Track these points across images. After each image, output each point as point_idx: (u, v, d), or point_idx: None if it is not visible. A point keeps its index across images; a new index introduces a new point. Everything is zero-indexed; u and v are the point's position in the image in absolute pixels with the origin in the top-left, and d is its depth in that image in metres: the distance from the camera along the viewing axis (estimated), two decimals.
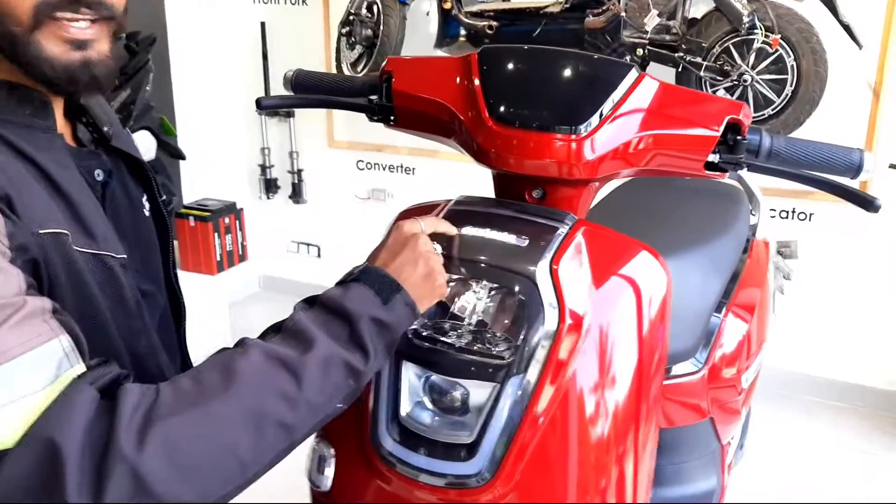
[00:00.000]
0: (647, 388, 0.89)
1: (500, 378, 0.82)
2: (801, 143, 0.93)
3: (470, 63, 0.94)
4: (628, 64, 0.92)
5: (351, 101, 1.05)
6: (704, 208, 1.55)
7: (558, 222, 0.89)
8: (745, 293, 1.47)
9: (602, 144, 0.88)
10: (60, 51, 0.81)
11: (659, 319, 0.90)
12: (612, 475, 0.87)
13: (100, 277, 0.86)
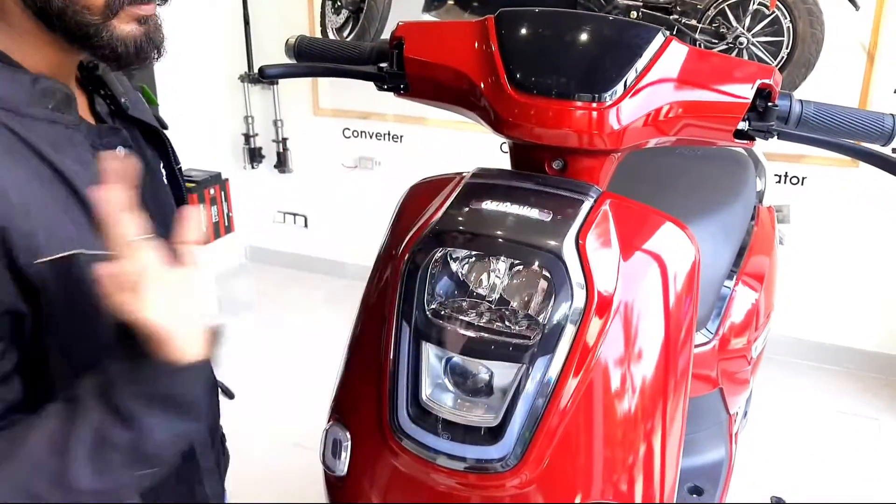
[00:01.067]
0: (674, 362, 0.86)
1: (526, 359, 0.79)
2: (831, 108, 0.90)
3: (487, 27, 0.89)
4: (655, 27, 0.88)
5: (359, 69, 1.00)
6: (712, 174, 1.51)
7: (583, 195, 0.85)
8: (754, 261, 1.45)
9: (627, 113, 0.84)
10: (130, 29, 0.83)
11: (686, 292, 0.87)
12: (639, 451, 0.84)
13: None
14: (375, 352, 0.88)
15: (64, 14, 0.79)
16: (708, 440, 1.41)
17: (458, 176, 0.92)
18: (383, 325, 0.87)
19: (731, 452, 1.46)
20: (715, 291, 1.32)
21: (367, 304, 0.94)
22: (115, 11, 0.80)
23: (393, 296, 0.85)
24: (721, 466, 1.41)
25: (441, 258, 0.84)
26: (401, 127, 3.41)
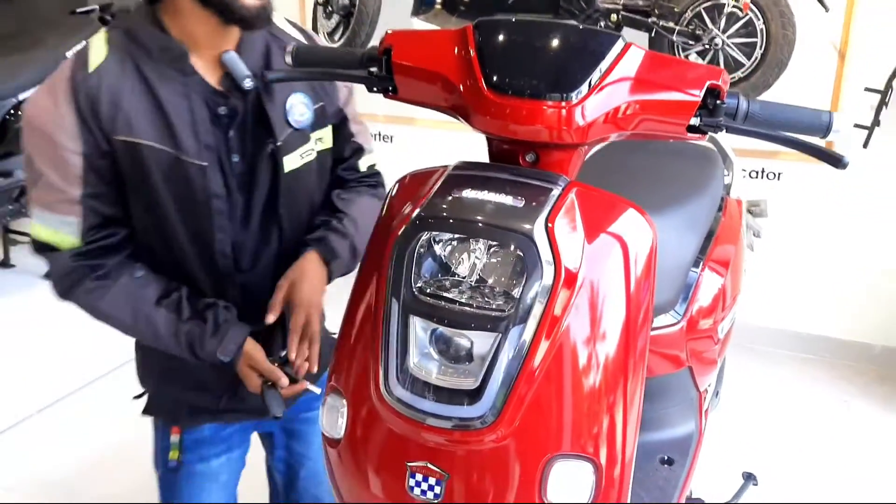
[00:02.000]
0: (634, 342, 0.97)
1: (502, 329, 0.89)
2: (775, 105, 1.00)
3: (466, 35, 1.00)
4: (616, 34, 0.98)
5: (351, 73, 1.10)
6: (681, 168, 1.62)
7: (552, 183, 0.95)
8: (720, 249, 1.56)
9: (591, 110, 0.95)
10: (252, 3, 1.20)
11: (645, 276, 0.98)
12: (603, 424, 0.94)
13: (171, 175, 1.25)
14: (368, 326, 0.98)
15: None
16: (679, 415, 1.52)
17: (442, 168, 1.02)
18: (375, 302, 0.97)
19: (701, 427, 1.57)
20: (682, 276, 1.43)
21: (360, 284, 1.04)
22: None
23: (383, 276, 0.95)
24: (691, 439, 1.51)
25: (426, 241, 0.95)
26: (391, 127, 3.51)
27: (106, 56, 1.24)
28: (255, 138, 1.31)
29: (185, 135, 1.24)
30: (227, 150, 1.29)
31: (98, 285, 1.29)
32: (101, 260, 1.30)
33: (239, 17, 1.21)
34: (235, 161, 1.31)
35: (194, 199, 1.28)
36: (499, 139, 1.03)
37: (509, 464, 0.91)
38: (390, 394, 0.93)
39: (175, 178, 1.26)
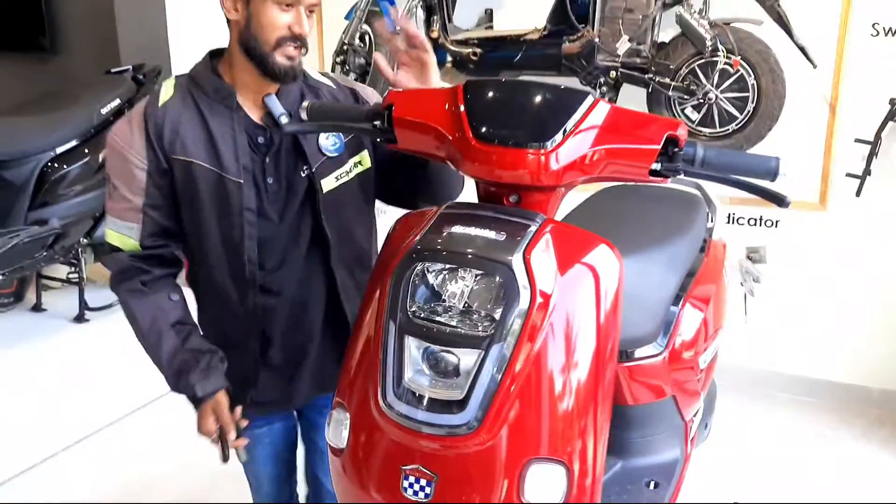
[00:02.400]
0: (603, 367, 1.09)
1: (484, 346, 1.02)
2: (728, 153, 1.13)
3: (456, 93, 1.15)
4: (586, 91, 1.13)
5: (358, 126, 1.26)
6: (666, 213, 1.75)
7: (530, 221, 1.09)
8: (701, 286, 1.68)
9: (564, 157, 1.09)
10: (283, 61, 1.46)
11: (613, 309, 1.11)
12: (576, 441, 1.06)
13: (214, 189, 1.50)
14: (369, 347, 1.12)
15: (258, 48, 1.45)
16: (664, 442, 1.62)
17: (436, 208, 1.16)
18: (375, 326, 1.11)
19: (687, 453, 1.67)
20: (663, 310, 1.55)
21: (363, 311, 1.18)
22: (279, 46, 1.44)
23: (383, 302, 1.09)
24: (676, 465, 1.61)
25: (420, 271, 1.09)
26: None
27: (172, 95, 1.54)
28: (289, 165, 1.55)
29: (227, 157, 1.50)
30: (263, 173, 1.54)
31: (139, 289, 1.55)
32: (151, 268, 1.56)
33: (272, 72, 1.46)
34: (270, 182, 1.54)
35: (230, 210, 1.51)
36: (485, 182, 1.17)
37: (491, 466, 1.03)
38: (388, 405, 1.06)
39: (216, 192, 1.50)
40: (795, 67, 2.82)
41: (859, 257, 3.04)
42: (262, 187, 1.53)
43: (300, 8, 1.44)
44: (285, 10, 1.43)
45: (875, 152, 2.87)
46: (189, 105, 1.52)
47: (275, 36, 1.43)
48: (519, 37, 3.10)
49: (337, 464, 1.15)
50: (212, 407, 1.53)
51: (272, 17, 1.42)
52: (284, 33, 1.43)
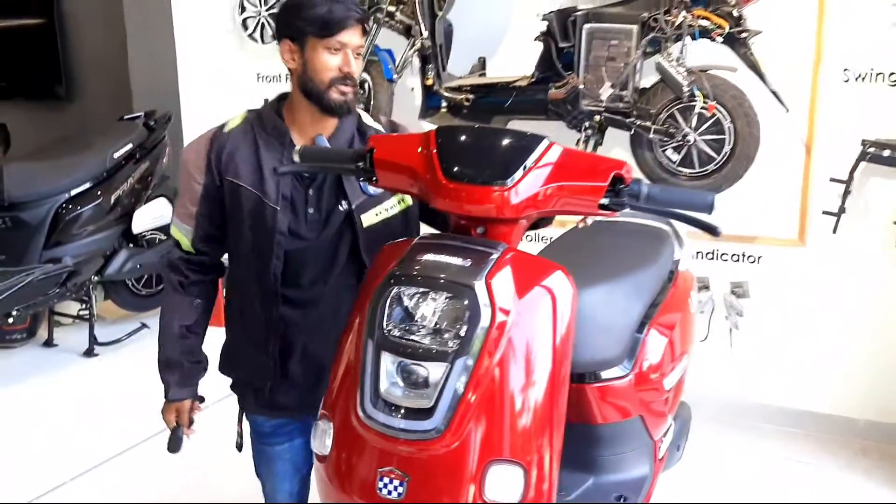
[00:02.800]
0: (558, 379, 1.23)
1: (450, 360, 1.15)
2: (670, 189, 1.28)
3: (429, 137, 1.30)
4: (541, 136, 1.28)
5: (343, 166, 1.42)
6: (634, 246, 1.89)
7: (493, 249, 1.23)
8: (666, 313, 1.81)
9: (524, 192, 1.24)
10: (337, 97, 1.67)
11: (567, 335, 1.24)
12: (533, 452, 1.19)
13: (254, 210, 1.72)
14: (350, 363, 1.26)
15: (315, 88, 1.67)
16: (634, 459, 1.73)
17: (412, 238, 1.31)
18: (355, 345, 1.24)
19: (656, 471, 1.78)
20: (629, 334, 1.68)
21: (345, 333, 1.32)
22: (331, 86, 1.66)
23: (362, 323, 1.23)
24: (644, 481, 1.72)
25: (396, 294, 1.23)
26: None
27: (238, 125, 1.79)
28: (329, 199, 1.74)
29: (270, 185, 1.71)
30: (305, 203, 1.74)
31: (177, 284, 1.84)
32: (191, 272, 1.84)
33: (328, 107, 1.68)
34: (310, 212, 1.74)
35: (265, 230, 1.72)
36: (456, 215, 1.32)
37: (456, 467, 1.16)
38: (366, 414, 1.20)
39: (256, 213, 1.72)
40: (771, 111, 2.97)
41: (838, 291, 3.15)
42: (302, 215, 1.73)
43: (347, 51, 1.66)
44: (334, 54, 1.65)
45: (849, 191, 3.01)
46: (248, 136, 1.76)
47: (328, 77, 1.66)
48: (509, 84, 3.27)
49: (321, 470, 1.28)
50: (176, 407, 1.86)
51: (323, 61, 1.65)
52: (335, 74, 1.66)
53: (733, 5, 2.87)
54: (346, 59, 1.67)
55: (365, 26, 1.71)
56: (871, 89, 2.94)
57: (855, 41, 2.92)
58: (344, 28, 1.64)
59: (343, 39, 1.65)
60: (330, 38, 1.64)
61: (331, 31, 1.64)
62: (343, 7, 1.65)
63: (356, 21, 1.67)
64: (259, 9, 3.80)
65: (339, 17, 1.64)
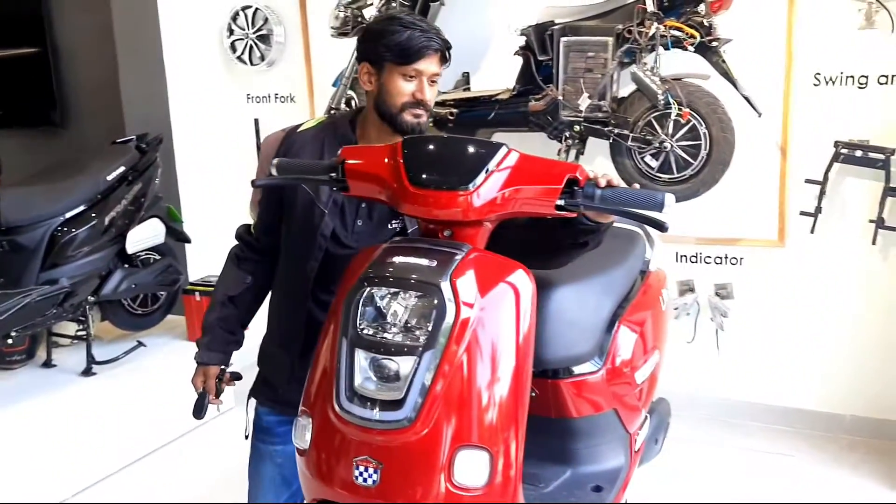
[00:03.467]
0: (522, 371, 1.30)
1: (419, 354, 1.23)
2: (622, 190, 1.36)
3: (396, 148, 1.38)
4: (500, 144, 1.36)
5: (317, 178, 1.50)
6: (605, 246, 1.96)
7: (457, 250, 1.31)
8: (637, 310, 1.89)
9: (485, 196, 1.32)
10: (410, 119, 1.72)
11: (529, 318, 1.32)
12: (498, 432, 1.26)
13: (305, 210, 1.77)
14: (326, 361, 1.33)
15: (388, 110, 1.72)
16: (609, 451, 1.80)
17: (384, 243, 1.39)
18: (332, 343, 1.32)
19: (632, 462, 1.85)
20: (599, 330, 1.75)
21: (323, 334, 1.39)
22: (404, 109, 1.71)
23: (338, 323, 1.31)
24: (620, 472, 1.79)
25: (369, 295, 1.30)
26: None
27: (312, 126, 1.87)
28: (381, 214, 1.79)
29: (324, 190, 1.77)
30: (356, 213, 1.79)
31: (233, 257, 1.96)
32: (249, 250, 1.95)
33: (401, 129, 1.72)
34: (359, 224, 1.80)
35: (310, 229, 1.79)
36: (424, 220, 1.40)
37: (426, 453, 1.23)
38: (342, 408, 1.27)
39: (305, 211, 1.79)
40: (745, 116, 3.06)
41: (819, 289, 3.23)
42: (350, 224, 1.79)
43: (423, 78, 1.71)
44: (409, 80, 1.70)
45: (824, 191, 3.09)
46: (318, 139, 1.83)
47: (400, 101, 1.71)
48: (491, 97, 3.36)
49: (302, 463, 1.35)
50: (203, 371, 1.91)
51: (399, 86, 1.70)
52: (408, 99, 1.71)
53: (704, 15, 2.97)
54: (421, 85, 1.71)
55: (446, 54, 1.75)
56: (842, 92, 3.03)
57: (824, 46, 3.02)
58: (422, 57, 1.69)
59: (420, 67, 1.69)
60: (407, 65, 1.69)
61: (408, 59, 1.68)
62: (423, 36, 1.69)
63: (434, 51, 1.70)
64: (247, 31, 3.90)
65: (417, 46, 1.68)
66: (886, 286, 3.11)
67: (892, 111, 2.95)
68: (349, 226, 1.79)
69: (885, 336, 3.15)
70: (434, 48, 1.70)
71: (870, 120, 2.99)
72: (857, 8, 2.93)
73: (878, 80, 2.96)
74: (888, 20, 2.88)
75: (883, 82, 2.96)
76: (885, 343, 3.15)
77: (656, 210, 1.34)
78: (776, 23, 3.06)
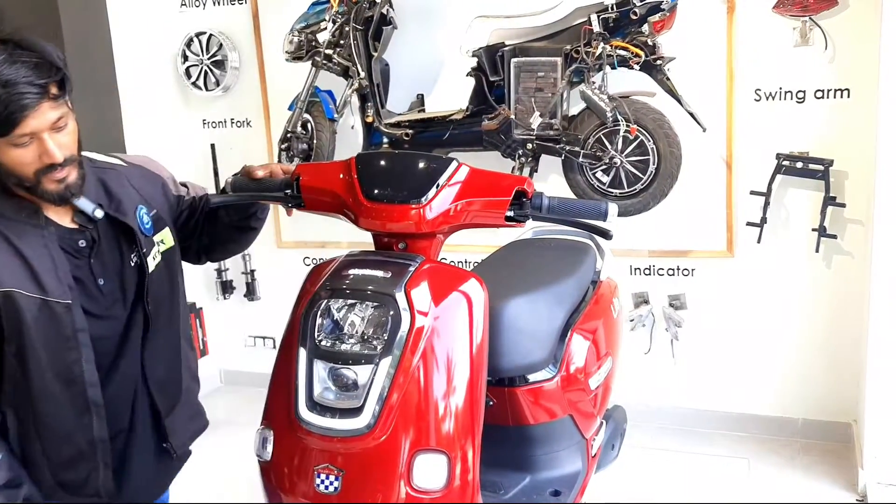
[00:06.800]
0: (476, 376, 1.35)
1: (376, 362, 1.27)
2: (569, 201, 1.42)
3: (350, 164, 1.43)
4: (452, 159, 1.41)
5: (272, 195, 1.54)
6: (556, 258, 2.03)
7: (411, 262, 1.36)
8: (589, 318, 1.95)
9: (437, 208, 1.37)
10: (54, 187, 1.41)
11: (482, 325, 1.37)
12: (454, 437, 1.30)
13: (42, 315, 1.41)
14: (285, 373, 1.36)
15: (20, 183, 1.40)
16: (566, 457, 1.85)
17: (340, 256, 1.43)
18: (290, 355, 1.35)
19: (589, 467, 1.90)
20: (552, 339, 1.80)
21: (282, 347, 1.43)
22: (39, 180, 1.39)
23: (296, 334, 1.34)
24: (577, 476, 1.84)
25: (325, 307, 1.34)
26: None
27: None
28: (114, 257, 1.53)
29: (49, 279, 1.42)
30: (93, 276, 1.51)
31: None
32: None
33: (48, 199, 1.43)
34: (102, 284, 1.51)
35: (62, 334, 1.43)
36: (378, 234, 1.44)
37: (386, 458, 1.27)
38: (301, 418, 1.30)
39: (43, 318, 1.41)
40: (690, 131, 3.16)
41: (767, 297, 3.33)
42: (97, 293, 1.50)
43: (41, 136, 1.36)
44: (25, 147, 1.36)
45: (769, 202, 3.20)
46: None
47: (28, 172, 1.38)
48: (445, 118, 3.43)
49: (263, 475, 1.38)
50: None
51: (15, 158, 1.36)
52: (38, 166, 1.38)
53: (648, 35, 3.07)
54: (44, 145, 1.35)
55: (54, 89, 1.35)
56: (781, 107, 3.16)
57: (763, 63, 3.14)
58: (25, 118, 1.31)
59: (29, 128, 1.33)
60: (10, 135, 1.33)
61: (9, 127, 1.32)
62: (13, 92, 1.29)
63: (39, 99, 1.32)
64: (201, 57, 3.93)
65: (13, 110, 1.30)
66: (830, 291, 3.22)
67: (829, 124, 3.08)
68: (96, 294, 1.51)
69: (830, 340, 3.26)
70: (36, 99, 1.32)
71: (809, 133, 3.11)
72: (792, 26, 3.06)
73: (814, 95, 3.09)
74: (822, 38, 3.02)
75: (819, 97, 3.09)
76: (831, 347, 3.26)
77: (601, 219, 1.40)
78: (717, 41, 3.18)
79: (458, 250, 3.44)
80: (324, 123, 3.58)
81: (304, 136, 3.61)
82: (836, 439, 3.30)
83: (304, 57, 3.56)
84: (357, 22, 3.41)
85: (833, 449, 3.26)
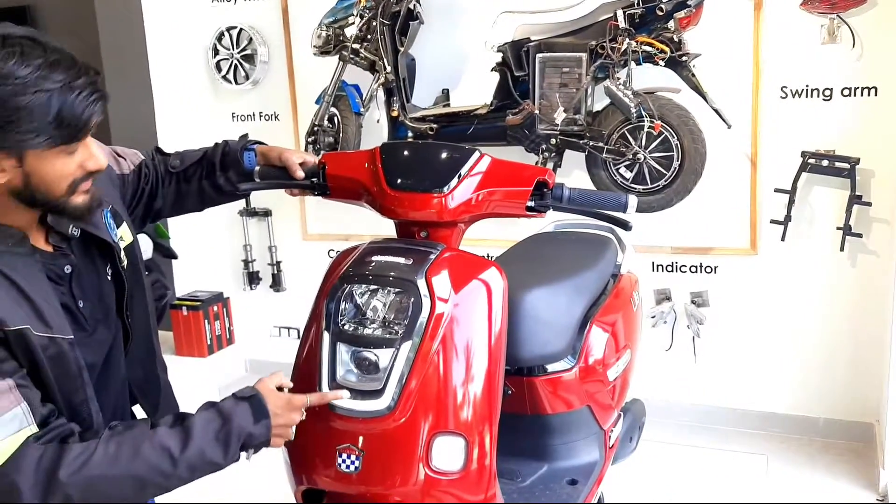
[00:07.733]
0: (495, 361, 1.38)
1: (396, 346, 1.31)
2: (589, 192, 1.45)
3: (375, 153, 1.47)
4: (473, 149, 1.45)
5: (299, 183, 1.58)
6: (577, 251, 2.06)
7: (432, 249, 1.40)
8: (608, 311, 1.97)
9: (459, 198, 1.40)
10: (82, 199, 1.28)
11: (500, 311, 1.40)
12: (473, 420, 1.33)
13: (51, 353, 1.24)
14: (310, 356, 1.40)
15: (47, 201, 1.25)
16: (584, 447, 1.88)
17: (363, 244, 1.47)
18: (314, 339, 1.39)
19: (606, 457, 1.92)
20: (571, 330, 1.83)
21: (306, 331, 1.47)
22: (73, 191, 1.26)
23: (320, 318, 1.38)
24: (594, 467, 1.86)
25: (349, 292, 1.38)
26: None
27: None
28: (90, 273, 1.41)
29: (50, 314, 1.25)
30: (74, 300, 1.35)
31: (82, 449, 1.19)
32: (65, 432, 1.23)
33: (71, 215, 1.30)
34: (82, 306, 1.36)
35: (70, 374, 1.29)
36: (401, 222, 1.48)
37: (405, 439, 1.30)
38: None
39: (53, 357, 1.26)
40: (715, 128, 3.16)
41: (790, 295, 3.32)
42: (79, 317, 1.36)
43: (87, 142, 1.27)
44: (73, 154, 1.25)
45: (793, 200, 3.19)
46: None
47: (66, 185, 1.25)
48: (469, 112, 3.45)
49: (286, 454, 1.42)
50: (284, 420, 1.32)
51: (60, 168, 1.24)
52: (78, 175, 1.27)
53: (673, 31, 3.08)
54: (89, 151, 1.26)
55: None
56: (807, 104, 3.14)
57: (790, 60, 3.13)
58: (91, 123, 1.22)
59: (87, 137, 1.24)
60: (72, 143, 1.21)
61: (75, 135, 1.21)
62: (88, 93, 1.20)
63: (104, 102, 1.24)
64: (231, 51, 3.99)
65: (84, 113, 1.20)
66: (854, 291, 3.20)
67: (855, 122, 3.07)
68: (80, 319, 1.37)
69: (853, 339, 3.24)
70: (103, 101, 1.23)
71: (835, 131, 3.10)
72: (819, 24, 3.04)
73: (841, 93, 3.08)
74: (850, 35, 3.00)
75: (846, 94, 3.07)
76: (853, 346, 3.25)
77: (621, 210, 1.43)
78: (743, 38, 3.17)
79: (479, 244, 3.47)
80: (350, 117, 3.62)
81: (331, 130, 3.66)
82: (858, 439, 3.28)
83: (331, 51, 3.61)
84: (384, 17, 3.45)
85: (854, 448, 3.25)
